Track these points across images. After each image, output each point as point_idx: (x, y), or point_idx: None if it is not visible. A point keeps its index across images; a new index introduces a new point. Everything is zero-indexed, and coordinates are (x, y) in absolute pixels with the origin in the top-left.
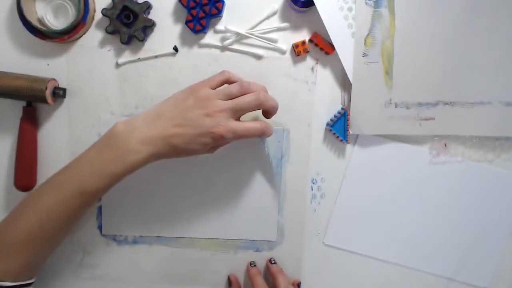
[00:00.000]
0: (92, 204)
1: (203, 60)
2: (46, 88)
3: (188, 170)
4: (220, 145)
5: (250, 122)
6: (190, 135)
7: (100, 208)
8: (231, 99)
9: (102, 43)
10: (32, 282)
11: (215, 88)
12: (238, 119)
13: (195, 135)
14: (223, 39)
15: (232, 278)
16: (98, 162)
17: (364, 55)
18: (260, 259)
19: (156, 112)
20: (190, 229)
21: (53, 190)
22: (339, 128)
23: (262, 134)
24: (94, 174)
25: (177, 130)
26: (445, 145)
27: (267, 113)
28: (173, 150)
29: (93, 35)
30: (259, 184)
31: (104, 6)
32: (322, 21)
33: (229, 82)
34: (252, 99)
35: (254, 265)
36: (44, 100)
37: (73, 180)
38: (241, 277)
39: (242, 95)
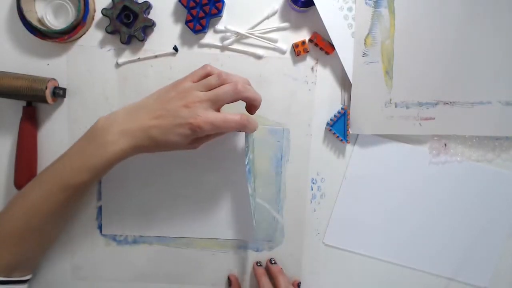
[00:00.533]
0: (77, 199)
1: (203, 60)
2: (46, 88)
3: (189, 170)
4: (202, 139)
5: (230, 114)
6: (168, 126)
7: (100, 208)
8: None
9: (102, 43)
10: (27, 280)
11: (197, 82)
12: (218, 110)
13: (173, 125)
14: (223, 39)
15: (232, 278)
16: (79, 156)
17: (364, 55)
18: (260, 259)
19: (137, 105)
20: (190, 229)
21: (38, 185)
22: (339, 128)
23: (242, 128)
24: (75, 168)
25: (156, 121)
26: (445, 145)
27: (250, 108)
28: (153, 142)
29: (93, 35)
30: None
31: (104, 6)
32: (322, 21)
33: (211, 75)
34: (230, 88)
35: (260, 265)
36: (44, 100)
37: (56, 175)
38: (241, 277)
39: (221, 85)
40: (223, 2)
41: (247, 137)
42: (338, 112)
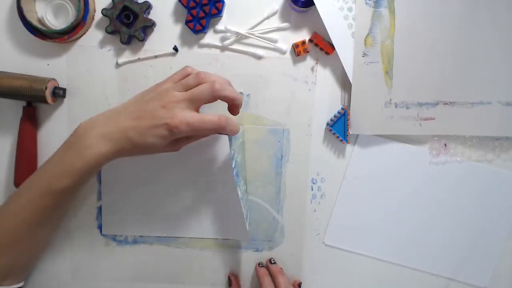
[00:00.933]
0: (63, 204)
1: (203, 60)
2: (46, 88)
3: (189, 171)
4: (182, 140)
5: (208, 114)
6: (145, 127)
7: (100, 208)
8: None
9: (102, 43)
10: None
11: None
12: (197, 111)
13: (150, 126)
14: (223, 39)
15: (232, 278)
16: (61, 161)
17: (364, 55)
18: (260, 259)
19: (118, 108)
20: (190, 229)
21: (23, 192)
22: (339, 128)
23: (221, 129)
24: (57, 173)
25: (134, 123)
26: (445, 145)
27: (231, 108)
28: (131, 145)
29: (93, 35)
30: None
31: (104, 6)
32: (322, 21)
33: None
34: (206, 87)
35: (263, 266)
36: (44, 100)
37: (39, 181)
38: (241, 277)
39: (199, 85)
40: (223, 2)
41: (230, 140)
42: (338, 112)
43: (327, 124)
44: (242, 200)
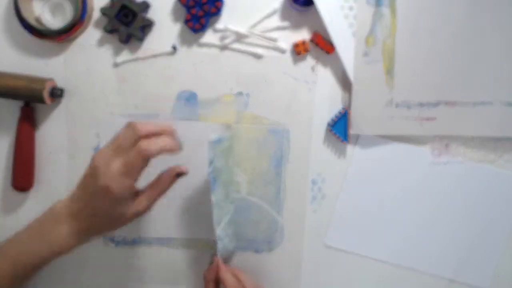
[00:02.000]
0: (28, 276)
1: (202, 59)
2: (44, 88)
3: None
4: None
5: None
6: (103, 224)
7: None
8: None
9: (101, 42)
10: None
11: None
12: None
13: (107, 224)
14: (222, 38)
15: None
16: (28, 244)
17: (365, 54)
18: (260, 259)
19: (78, 201)
20: (190, 229)
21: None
22: (340, 128)
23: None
24: (24, 257)
25: (90, 223)
26: (447, 145)
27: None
28: (101, 235)
29: (91, 34)
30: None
31: (102, 5)
32: (322, 20)
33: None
34: (135, 155)
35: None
36: (42, 100)
37: (6, 254)
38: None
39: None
40: (223, 1)
41: (210, 148)
42: (339, 112)
43: (328, 124)
44: (217, 206)
